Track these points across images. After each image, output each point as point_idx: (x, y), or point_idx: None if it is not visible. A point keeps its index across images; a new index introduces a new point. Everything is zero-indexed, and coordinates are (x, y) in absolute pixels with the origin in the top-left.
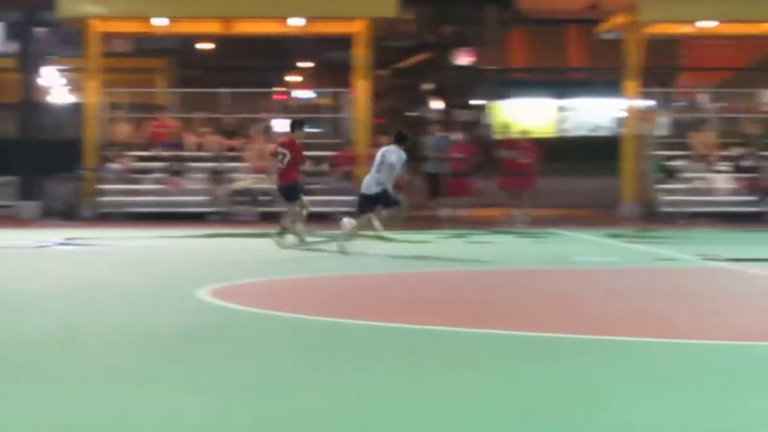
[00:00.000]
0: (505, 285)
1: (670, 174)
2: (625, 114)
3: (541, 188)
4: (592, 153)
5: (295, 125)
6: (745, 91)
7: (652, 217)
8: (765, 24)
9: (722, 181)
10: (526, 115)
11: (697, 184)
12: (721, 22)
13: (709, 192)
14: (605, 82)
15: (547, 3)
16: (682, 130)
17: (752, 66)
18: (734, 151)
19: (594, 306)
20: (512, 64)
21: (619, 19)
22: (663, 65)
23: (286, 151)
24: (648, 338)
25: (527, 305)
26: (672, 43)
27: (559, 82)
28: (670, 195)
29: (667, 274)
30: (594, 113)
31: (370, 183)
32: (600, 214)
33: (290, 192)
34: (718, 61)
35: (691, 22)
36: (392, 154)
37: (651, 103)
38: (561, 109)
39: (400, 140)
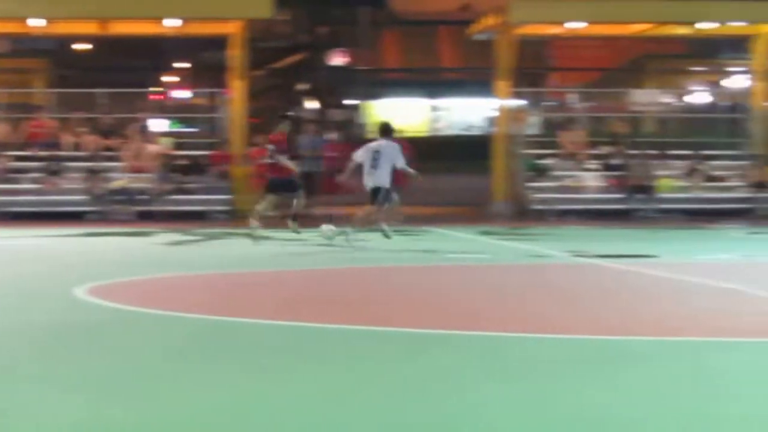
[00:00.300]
0: (378, 282)
1: (541, 172)
2: (496, 113)
3: (415, 186)
4: (465, 152)
5: (283, 120)
6: (613, 90)
7: (524, 214)
8: (633, 25)
9: (591, 179)
10: (399, 115)
11: (567, 182)
12: (590, 23)
13: (578, 190)
14: (477, 82)
15: (420, 4)
16: (552, 129)
17: (621, 66)
18: (603, 150)
19: (464, 301)
20: (385, 65)
21: (491, 21)
22: (533, 66)
23: (272, 146)
24: (517, 333)
25: (399, 301)
26: (542, 43)
27: (432, 82)
28: (540, 193)
29: (537, 270)
30: (466, 113)
31: (374, 179)
32: (473, 211)
33: (284, 185)
34: (588, 62)
35: (561, 23)
36: (388, 147)
37: (522, 102)
38: (434, 108)
39: (388, 132)
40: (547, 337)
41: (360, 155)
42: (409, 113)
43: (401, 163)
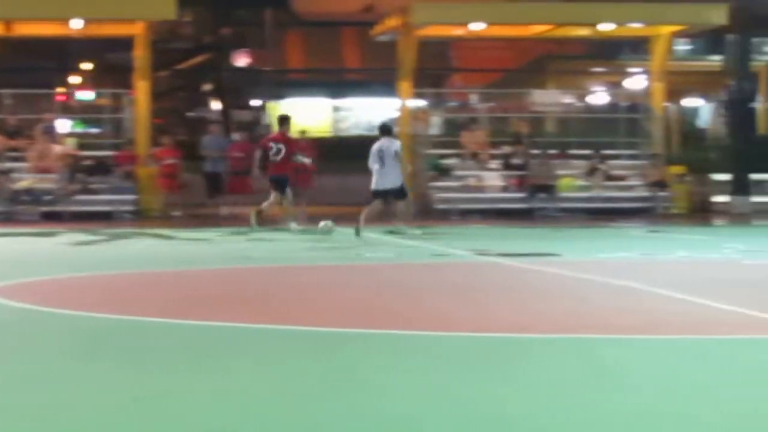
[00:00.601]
0: (285, 281)
1: (443, 172)
2: (399, 114)
3: (319, 186)
4: (368, 151)
5: (283, 121)
6: (515, 91)
7: (427, 213)
8: (533, 26)
9: (493, 178)
10: (303, 115)
11: (470, 182)
12: (491, 24)
13: (480, 189)
14: (380, 83)
15: (323, 6)
16: (454, 129)
17: (522, 67)
18: (505, 150)
19: (367, 300)
20: (289, 65)
21: (393, 22)
22: (436, 66)
23: (281, 146)
24: (420, 331)
25: (306, 300)
26: (444, 44)
27: (336, 83)
28: (443, 192)
29: (440, 269)
30: (370, 113)
31: (392, 177)
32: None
33: (283, 184)
34: (489, 63)
35: (462, 24)
36: (392, 145)
37: (424, 103)
38: (338, 109)
39: (388, 131)
40: (447, 335)
41: (371, 161)
42: (312, 113)
43: (398, 158)
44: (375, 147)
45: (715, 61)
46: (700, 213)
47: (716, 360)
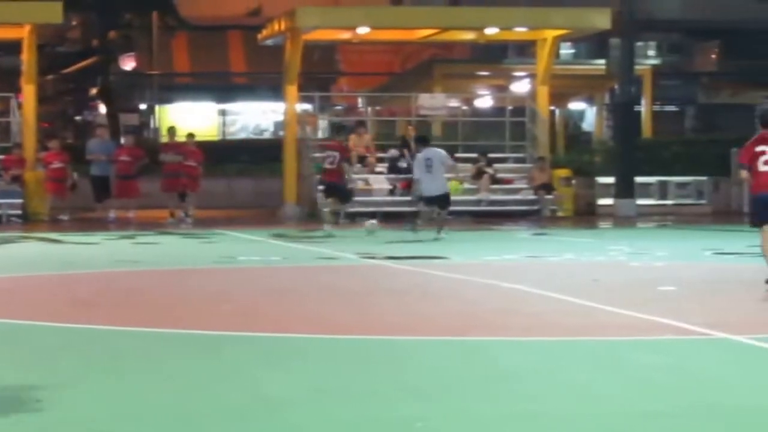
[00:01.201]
0: (170, 284)
1: None
2: (285, 117)
3: (206, 190)
4: (256, 155)
5: (340, 130)
6: (401, 95)
7: (314, 217)
8: (419, 30)
9: (380, 181)
10: (190, 119)
11: (357, 185)
12: (377, 28)
13: (367, 192)
14: (267, 87)
15: (210, 9)
16: (341, 132)
17: (408, 71)
18: (391, 153)
19: (253, 303)
20: (177, 69)
21: (279, 26)
22: (322, 70)
23: (335, 154)
24: (303, 334)
25: (191, 304)
26: (331, 48)
27: (223, 87)
28: None
29: (326, 273)
30: (257, 117)
31: (440, 184)
32: (264, 214)
33: (340, 190)
34: (376, 66)
35: (348, 28)
36: (437, 154)
37: (311, 106)
38: (224, 112)
39: (426, 141)
40: (332, 337)
41: (416, 171)
42: (200, 117)
43: (451, 162)
44: (420, 156)
45: (600, 64)
46: (586, 216)
47: (603, 361)
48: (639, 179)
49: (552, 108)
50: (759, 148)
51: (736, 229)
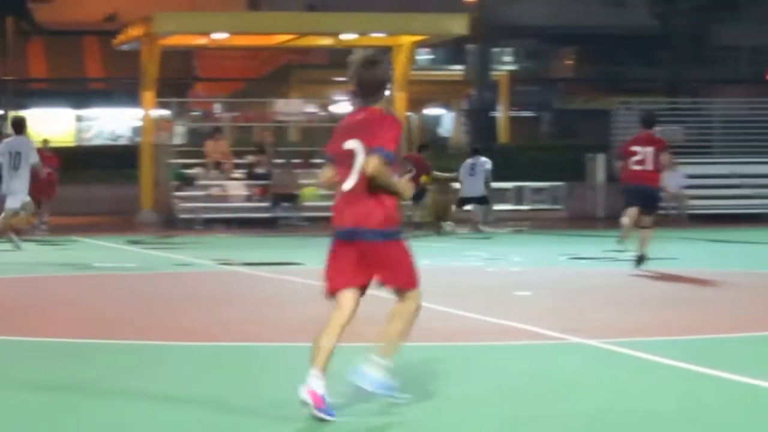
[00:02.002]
0: (23, 292)
1: (187, 181)
2: (142, 123)
3: (62, 196)
4: (112, 161)
5: (422, 149)
6: (258, 100)
7: (171, 223)
8: (276, 36)
9: (237, 188)
10: (46, 125)
11: (213, 191)
12: (234, 34)
13: (224, 199)
14: (123, 92)
15: (65, 14)
16: (197, 138)
17: (265, 76)
18: (248, 159)
19: (108, 311)
20: (32, 75)
21: (136, 31)
22: (179, 76)
23: (413, 167)
24: (158, 341)
25: (44, 311)
26: (188, 54)
27: (79, 92)
28: (187, 202)
29: (182, 279)
30: (113, 122)
31: (479, 187)
32: (120, 221)
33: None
34: (233, 72)
35: (205, 33)
36: (486, 162)
37: (167, 112)
38: (80, 118)
39: (479, 151)
40: (187, 344)
41: (463, 173)
42: (55, 123)
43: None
44: (468, 162)
45: (457, 70)
46: (443, 221)
47: (460, 367)
48: (495, 184)
49: (410, 113)
50: (634, 148)
51: (591, 234)
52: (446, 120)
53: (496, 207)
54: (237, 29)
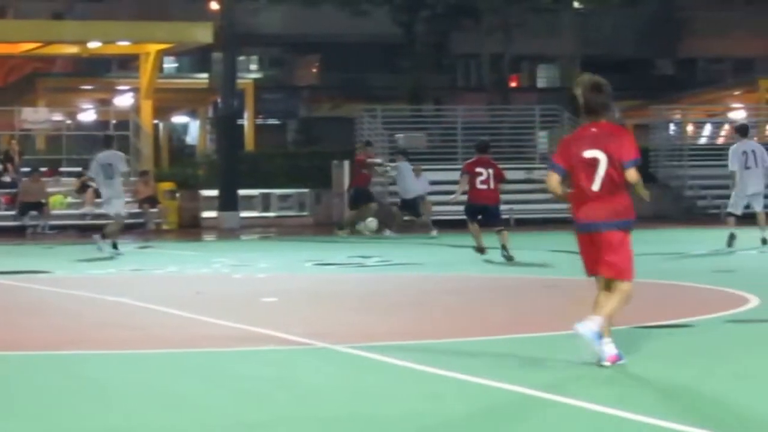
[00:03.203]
0: None
1: None
2: None
3: None
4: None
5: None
6: (4, 109)
7: None
8: (21, 44)
9: None
10: None
11: None
12: None
13: None
14: None
15: None
16: None
17: (10, 84)
18: None
19: None
20: None
21: None
22: None
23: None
24: None
25: None
26: None
27: None
28: None
29: None
30: None
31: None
32: None
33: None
34: None
35: None
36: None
37: None
38: None
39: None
40: None
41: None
42: None
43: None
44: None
45: (203, 78)
46: (191, 228)
47: (205, 373)
48: (242, 192)
49: (156, 121)
50: (478, 169)
51: (337, 241)
52: (192, 128)
53: (243, 214)
54: None
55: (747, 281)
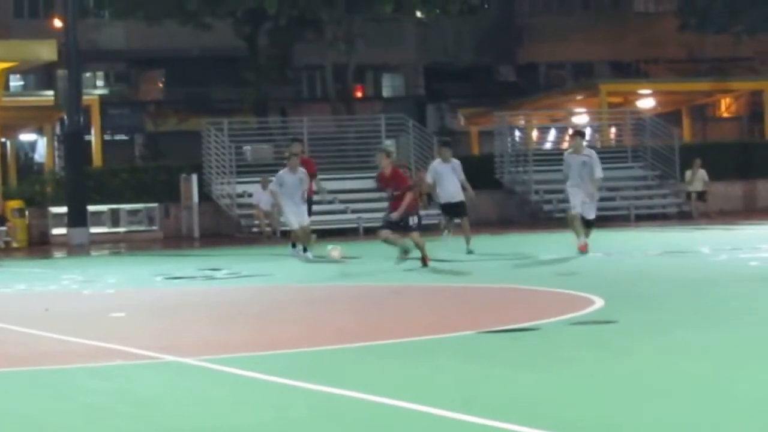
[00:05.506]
0: None
1: None
2: None
3: None
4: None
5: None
6: None
7: None
8: None
9: None
10: None
11: None
12: None
13: None
14: None
15: None
16: None
17: None
18: None
19: None
20: None
21: None
22: None
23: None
24: None
25: None
26: None
27: None
28: None
29: None
30: None
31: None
32: None
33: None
34: None
35: None
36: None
37: None
38: None
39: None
40: None
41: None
42: None
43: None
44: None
45: (48, 95)
46: (40, 245)
47: (49, 390)
48: (91, 208)
49: (2, 139)
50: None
51: (186, 254)
52: (40, 145)
53: (93, 230)
54: None
55: (591, 283)
